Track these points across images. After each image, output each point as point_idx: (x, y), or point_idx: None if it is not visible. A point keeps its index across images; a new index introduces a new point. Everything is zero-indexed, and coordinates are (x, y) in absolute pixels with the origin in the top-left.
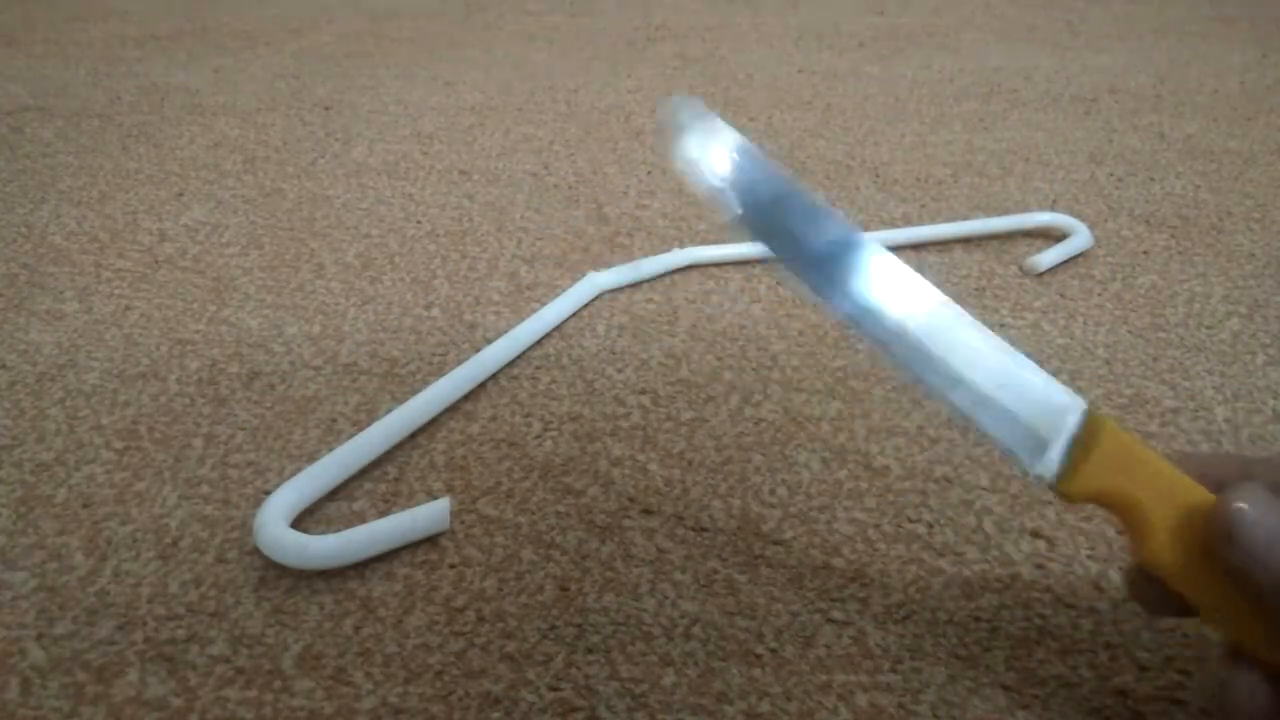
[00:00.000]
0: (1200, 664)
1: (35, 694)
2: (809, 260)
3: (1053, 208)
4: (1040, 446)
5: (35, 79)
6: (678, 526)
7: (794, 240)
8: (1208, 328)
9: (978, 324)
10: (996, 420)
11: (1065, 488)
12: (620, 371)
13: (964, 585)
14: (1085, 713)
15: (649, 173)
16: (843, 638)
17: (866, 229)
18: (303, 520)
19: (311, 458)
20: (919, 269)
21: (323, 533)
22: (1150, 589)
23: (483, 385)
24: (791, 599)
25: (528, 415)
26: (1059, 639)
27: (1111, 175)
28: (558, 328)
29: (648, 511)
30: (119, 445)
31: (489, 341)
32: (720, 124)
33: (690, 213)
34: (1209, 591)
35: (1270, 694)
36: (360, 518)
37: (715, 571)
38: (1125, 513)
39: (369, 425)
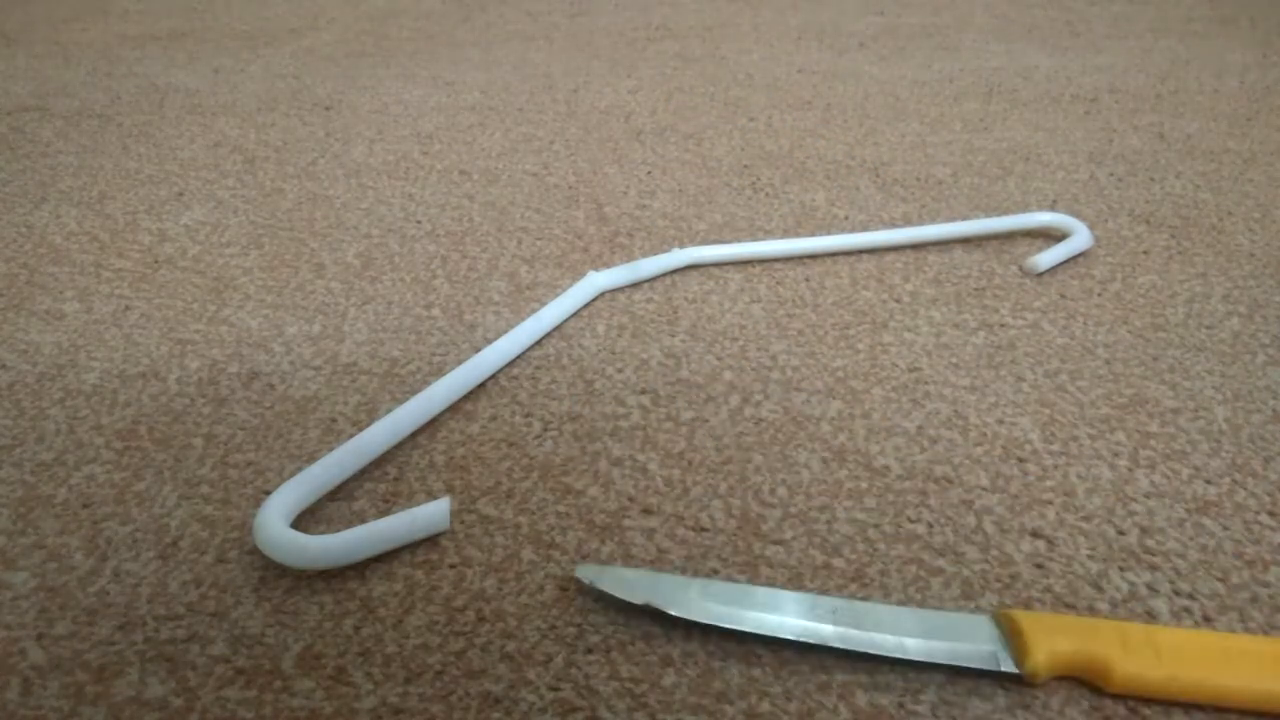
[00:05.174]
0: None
1: (35, 694)
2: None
3: (1053, 208)
4: (990, 657)
5: (35, 79)
6: (678, 526)
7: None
8: (1208, 328)
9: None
10: (946, 655)
11: (1033, 669)
12: (620, 371)
13: (964, 585)
14: (1084, 712)
15: (649, 173)
16: None
17: (866, 229)
18: (303, 520)
19: (311, 458)
20: (919, 269)
21: (323, 533)
22: None
23: (483, 385)
24: None
25: (528, 415)
26: None
27: (1111, 175)
28: (558, 328)
29: (648, 511)
30: (119, 445)
31: (489, 341)
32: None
33: (690, 213)
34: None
35: None
36: (360, 518)
37: (715, 571)
38: (1085, 663)
39: (369, 425)
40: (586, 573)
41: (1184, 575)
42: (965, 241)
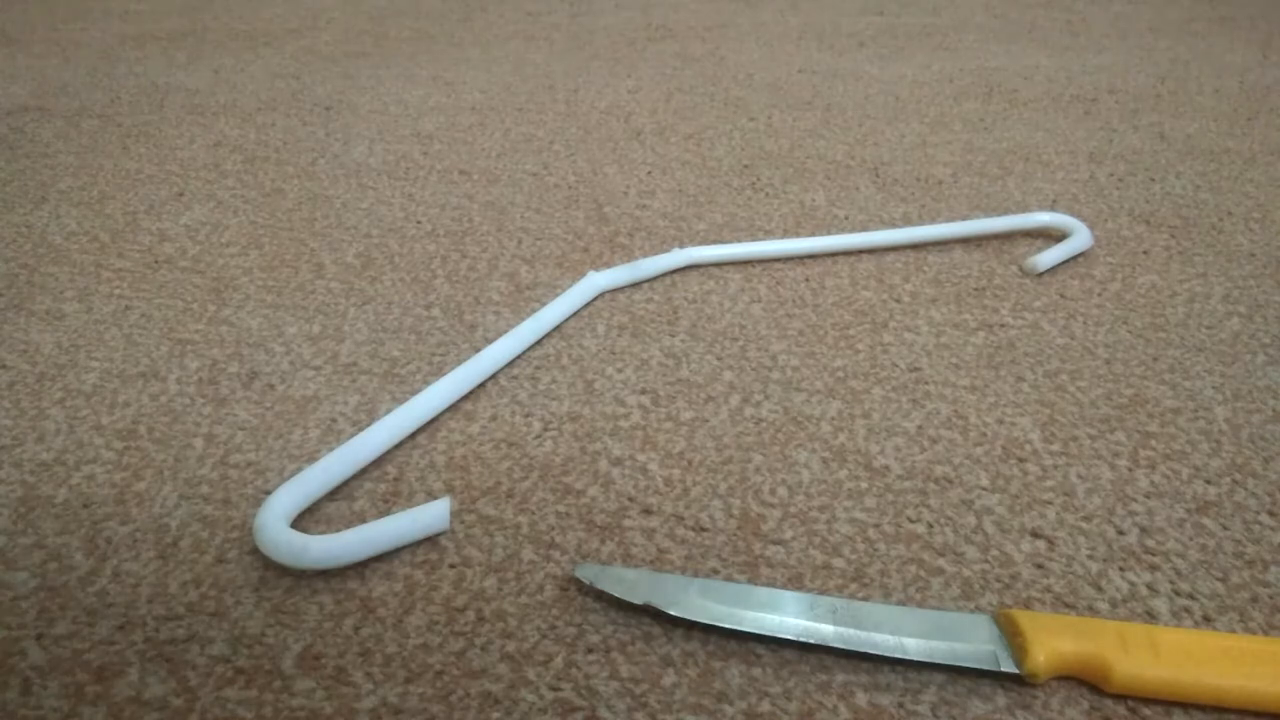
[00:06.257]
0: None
1: (35, 694)
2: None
3: (1053, 208)
4: (990, 657)
5: (35, 79)
6: (678, 526)
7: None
8: (1208, 328)
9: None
10: (946, 655)
11: (1032, 669)
12: (620, 371)
13: (964, 585)
14: (1084, 712)
15: (649, 173)
16: None
17: (866, 229)
18: (303, 520)
19: (311, 458)
20: (919, 269)
21: (323, 533)
22: None
23: (483, 385)
24: None
25: (528, 415)
26: None
27: (1111, 175)
28: (558, 328)
29: (648, 511)
30: (119, 445)
31: (489, 341)
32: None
33: (690, 213)
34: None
35: None
36: (360, 518)
37: (715, 571)
38: (1084, 663)
39: (369, 425)
40: (586, 573)
41: (1184, 575)
42: (965, 241)
